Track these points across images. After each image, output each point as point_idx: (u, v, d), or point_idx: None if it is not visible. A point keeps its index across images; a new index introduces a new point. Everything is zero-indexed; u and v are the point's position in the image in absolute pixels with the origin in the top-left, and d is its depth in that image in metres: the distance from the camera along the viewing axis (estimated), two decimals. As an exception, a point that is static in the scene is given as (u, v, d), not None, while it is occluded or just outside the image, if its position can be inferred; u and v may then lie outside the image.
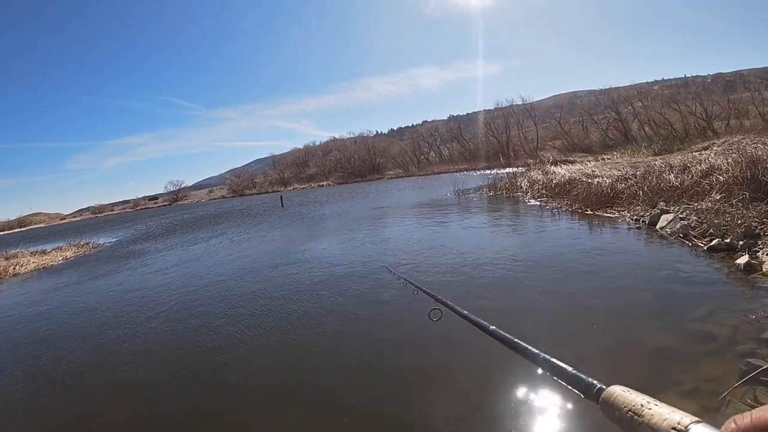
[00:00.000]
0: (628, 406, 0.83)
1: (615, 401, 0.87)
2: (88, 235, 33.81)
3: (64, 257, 22.91)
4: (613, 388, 0.91)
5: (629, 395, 0.85)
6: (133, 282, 12.72)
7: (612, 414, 0.87)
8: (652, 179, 13.64)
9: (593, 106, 74.75)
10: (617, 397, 0.87)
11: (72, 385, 6.01)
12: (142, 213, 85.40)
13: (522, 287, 7.47)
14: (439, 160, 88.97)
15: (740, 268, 6.87)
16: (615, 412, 0.86)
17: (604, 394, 0.92)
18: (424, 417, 4.22)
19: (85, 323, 9.06)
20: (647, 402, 0.80)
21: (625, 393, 0.87)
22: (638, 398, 0.83)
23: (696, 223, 9.37)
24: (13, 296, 14.01)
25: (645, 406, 0.80)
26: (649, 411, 0.78)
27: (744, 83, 61.74)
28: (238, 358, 6.12)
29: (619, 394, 0.88)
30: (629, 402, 0.83)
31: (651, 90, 68.99)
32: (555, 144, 70.46)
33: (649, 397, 0.82)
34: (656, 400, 0.80)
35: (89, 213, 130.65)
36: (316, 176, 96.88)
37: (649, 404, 0.79)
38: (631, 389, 0.87)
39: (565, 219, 13.59)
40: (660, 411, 0.76)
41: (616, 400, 0.87)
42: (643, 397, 0.83)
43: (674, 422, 0.71)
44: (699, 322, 5.20)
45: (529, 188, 21.83)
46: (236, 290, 9.89)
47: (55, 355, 7.32)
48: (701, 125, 54.24)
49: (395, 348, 5.90)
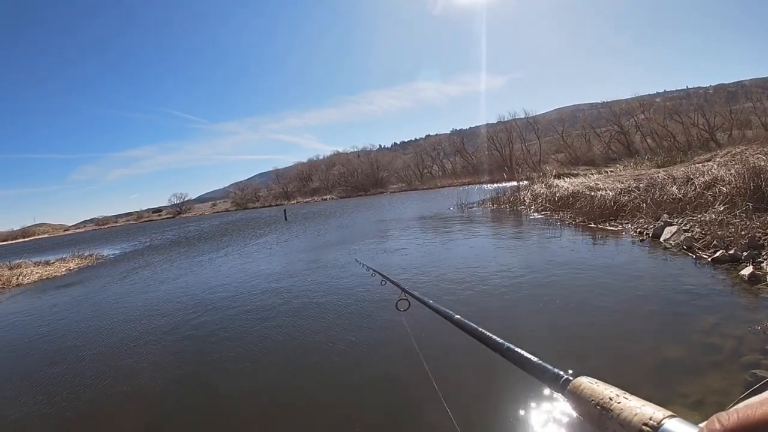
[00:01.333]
0: (596, 399, 0.77)
1: (582, 393, 0.81)
2: (92, 247, 33.81)
3: (67, 268, 22.97)
4: (580, 380, 0.85)
5: (597, 387, 0.80)
6: (135, 294, 12.72)
7: (579, 407, 0.82)
8: (656, 191, 13.63)
9: (596, 118, 74.79)
10: (584, 389, 0.81)
11: (76, 394, 5.99)
12: (146, 225, 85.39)
13: (525, 300, 7.45)
14: (442, 174, 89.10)
15: (744, 279, 6.86)
16: (582, 405, 0.80)
17: (570, 386, 0.86)
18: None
19: (87, 334, 9.05)
20: (616, 395, 0.74)
21: (593, 385, 0.81)
22: (607, 390, 0.77)
23: (699, 235, 9.35)
24: (16, 306, 14.00)
25: (614, 399, 0.74)
26: (618, 405, 0.72)
27: (746, 94, 61.92)
28: (233, 354, 6.11)
29: (586, 385, 0.82)
30: (597, 394, 0.78)
31: (653, 102, 69.10)
32: (558, 157, 70.47)
33: (619, 389, 0.76)
34: (626, 393, 0.74)
35: (93, 224, 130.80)
36: (319, 190, 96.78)
37: (618, 397, 0.74)
38: (600, 381, 0.82)
39: (568, 232, 13.57)
40: (630, 405, 0.70)
41: (583, 392, 0.81)
42: (613, 389, 0.77)
43: (646, 417, 0.65)
44: (704, 334, 5.18)
45: (532, 202, 21.82)
46: (238, 300, 9.88)
47: (58, 365, 7.31)
48: (704, 136, 54.25)
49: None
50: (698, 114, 57.74)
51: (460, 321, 1.46)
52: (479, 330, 1.31)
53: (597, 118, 74.35)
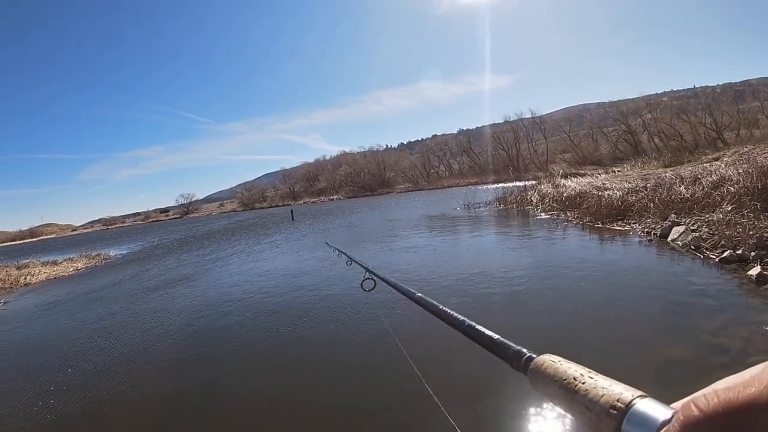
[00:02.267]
0: (559, 379, 0.71)
1: (545, 372, 0.76)
2: (99, 247, 34.03)
3: (75, 268, 23.14)
4: (542, 358, 0.80)
5: (561, 366, 0.74)
6: (143, 294, 12.78)
7: (542, 387, 0.76)
8: (663, 191, 13.58)
9: (602, 118, 74.61)
10: (547, 367, 0.76)
11: (81, 393, 6.04)
12: (154, 225, 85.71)
13: (532, 300, 7.45)
14: (449, 174, 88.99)
15: (752, 279, 6.84)
16: (545, 385, 0.75)
17: (532, 365, 0.80)
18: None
19: (94, 334, 9.10)
20: (581, 374, 0.69)
21: (557, 363, 0.75)
22: (571, 369, 0.71)
23: (707, 235, 9.32)
24: (24, 306, 14.09)
25: (579, 378, 0.68)
26: (582, 385, 0.66)
27: (753, 93, 61.64)
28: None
29: (549, 364, 0.76)
30: (561, 373, 0.72)
31: (660, 101, 68.82)
32: (565, 157, 70.38)
33: (586, 368, 0.71)
34: (594, 372, 0.69)
35: (100, 225, 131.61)
36: (326, 190, 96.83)
37: (583, 377, 0.68)
38: (565, 359, 0.76)
39: (575, 232, 13.55)
40: (597, 384, 0.65)
41: (546, 371, 0.75)
42: (579, 368, 0.71)
43: (614, 398, 0.60)
44: (711, 335, 5.17)
45: (539, 202, 21.79)
46: (243, 300, 9.91)
47: (64, 364, 7.37)
48: (711, 136, 54.10)
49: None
50: (705, 113, 57.61)
51: (421, 299, 1.43)
52: (440, 308, 1.26)
53: (604, 118, 74.17)
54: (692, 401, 0.48)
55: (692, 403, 0.47)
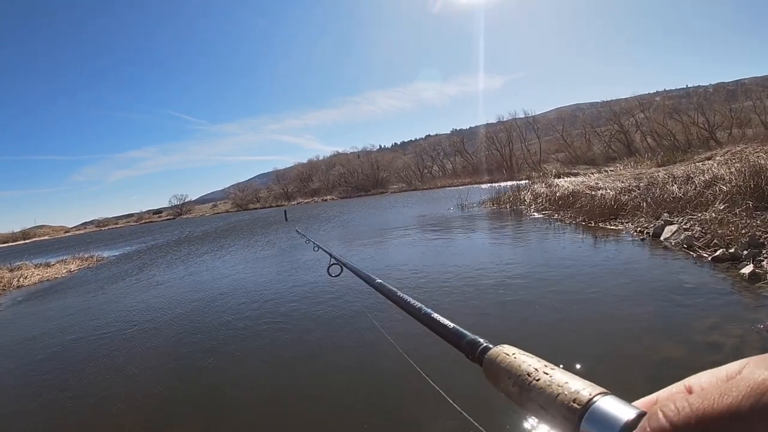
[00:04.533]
0: (513, 374, 0.66)
1: (499, 366, 0.70)
2: (92, 249, 33.78)
3: (68, 270, 22.95)
4: (496, 350, 0.74)
5: (515, 359, 0.68)
6: (135, 295, 12.70)
7: (496, 382, 0.70)
8: (656, 190, 13.64)
9: (595, 118, 74.79)
10: (501, 360, 0.71)
11: (76, 394, 5.99)
12: (147, 227, 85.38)
13: (525, 299, 7.43)
14: (443, 174, 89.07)
15: (745, 277, 6.86)
16: (499, 379, 0.69)
17: (486, 356, 0.75)
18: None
19: (87, 335, 9.02)
20: (536, 369, 0.64)
21: (511, 356, 0.70)
22: (526, 363, 0.66)
23: (700, 234, 9.35)
24: (17, 308, 13.98)
25: (533, 374, 0.63)
26: (537, 382, 0.61)
27: (745, 92, 61.91)
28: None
29: (503, 357, 0.71)
30: (515, 368, 0.67)
31: (653, 101, 69.07)
32: (558, 157, 70.62)
33: (543, 361, 0.66)
34: (550, 366, 0.64)
35: (93, 226, 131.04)
36: (319, 191, 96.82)
37: (537, 372, 0.63)
38: (522, 351, 0.70)
39: (568, 232, 13.56)
40: (553, 380, 0.60)
41: (500, 364, 0.70)
42: (535, 361, 0.66)
43: (570, 397, 0.55)
44: (704, 333, 5.17)
45: (532, 201, 21.83)
46: (235, 297, 9.88)
47: (59, 365, 7.30)
48: (704, 135, 54.35)
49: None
50: (698, 113, 57.85)
51: (380, 285, 1.41)
52: (397, 294, 1.22)
53: (597, 118, 74.37)
54: (660, 408, 0.43)
55: (660, 411, 0.42)
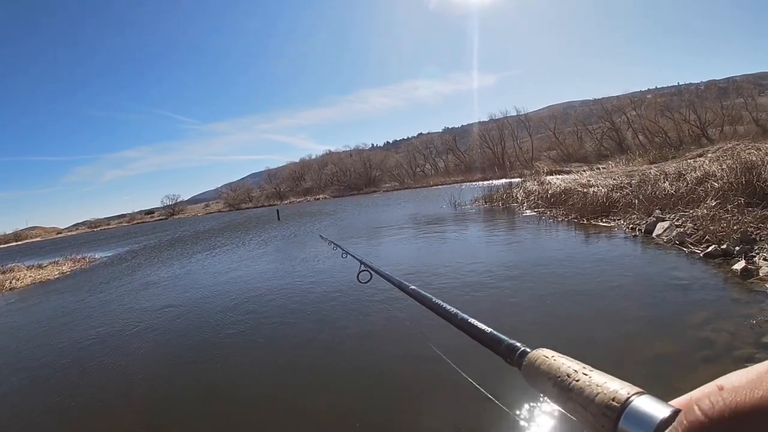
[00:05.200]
0: (553, 375, 0.70)
1: (539, 368, 0.74)
2: (85, 250, 33.60)
3: (60, 271, 22.80)
4: (536, 353, 0.79)
5: (555, 362, 0.72)
6: (128, 296, 12.62)
7: (536, 383, 0.75)
8: (648, 187, 13.68)
9: (587, 116, 74.95)
10: (541, 363, 0.75)
11: (71, 394, 5.95)
12: (139, 227, 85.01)
13: (520, 297, 7.45)
14: (435, 173, 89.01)
15: (737, 273, 6.89)
16: (539, 381, 0.73)
17: (526, 360, 0.79)
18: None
19: (81, 336, 8.96)
20: (575, 370, 0.67)
21: (551, 359, 0.74)
22: (566, 365, 0.70)
23: (692, 230, 9.39)
24: (10, 310, 13.90)
25: (573, 375, 0.66)
26: (577, 382, 0.64)
27: (737, 89, 62.16)
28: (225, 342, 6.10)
29: (543, 360, 0.75)
30: (555, 369, 0.70)
31: (644, 99, 69.26)
32: (550, 154, 70.67)
33: (581, 363, 0.69)
34: (589, 368, 0.67)
35: (85, 227, 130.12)
36: (312, 190, 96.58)
37: (577, 373, 0.66)
38: (561, 354, 0.75)
39: (561, 229, 13.60)
40: (592, 381, 0.63)
41: (540, 366, 0.74)
42: (573, 363, 0.70)
43: (609, 396, 0.58)
44: (697, 329, 5.20)
45: (524, 199, 21.88)
46: (232, 303, 9.84)
47: (55, 368, 7.25)
48: (695, 132, 54.63)
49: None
50: (689, 110, 58.08)
51: (414, 291, 1.43)
52: (432, 300, 1.26)
53: (588, 115, 74.51)
54: (696, 403, 0.44)
55: (696, 406, 0.44)
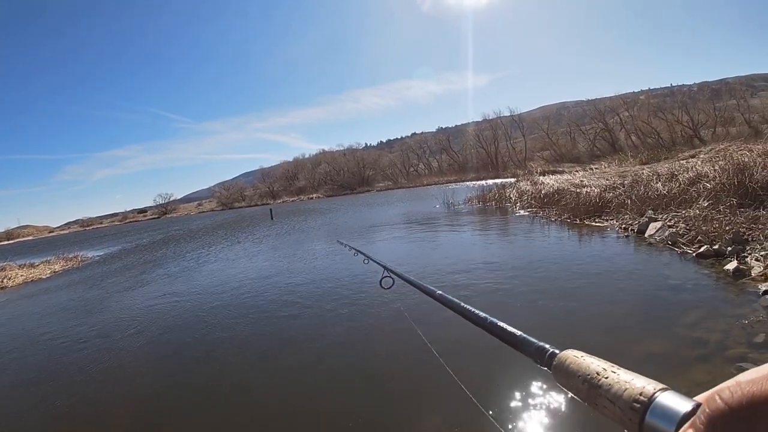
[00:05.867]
0: (582, 374, 0.74)
1: (569, 368, 0.79)
2: (77, 249, 33.41)
3: (52, 270, 22.67)
4: (566, 353, 0.83)
5: (584, 361, 0.77)
6: (121, 295, 12.56)
7: (566, 382, 0.79)
8: (640, 188, 13.74)
9: (580, 116, 75.23)
10: (571, 363, 0.79)
11: (66, 394, 5.93)
12: (131, 226, 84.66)
13: (512, 296, 7.45)
14: (429, 172, 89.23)
15: (729, 273, 6.92)
16: (569, 380, 0.77)
17: (556, 360, 0.83)
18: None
19: (75, 335, 8.88)
20: (604, 369, 0.71)
21: (580, 359, 0.78)
22: (594, 364, 0.74)
23: (684, 231, 9.42)
24: (3, 311, 13.81)
25: (601, 373, 0.71)
26: (606, 380, 0.69)
27: (729, 91, 62.55)
28: (228, 360, 6.09)
29: (572, 359, 0.79)
30: (584, 368, 0.75)
31: (637, 100, 69.68)
32: (543, 154, 70.88)
33: (609, 362, 0.73)
34: (616, 366, 0.71)
35: (78, 226, 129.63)
36: (305, 189, 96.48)
37: (606, 371, 0.71)
38: (588, 354, 0.79)
39: (554, 229, 13.64)
40: (620, 378, 0.67)
41: (570, 366, 0.78)
42: (601, 362, 0.74)
43: (636, 391, 0.63)
44: (689, 328, 5.22)
45: (518, 199, 21.93)
46: (227, 301, 9.81)
47: (50, 368, 7.22)
48: (688, 134, 54.95)
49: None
50: (682, 111, 58.45)
51: (441, 297, 1.45)
52: (461, 305, 1.29)
53: (582, 116, 74.81)
54: (717, 393, 0.48)
55: (717, 395, 0.48)
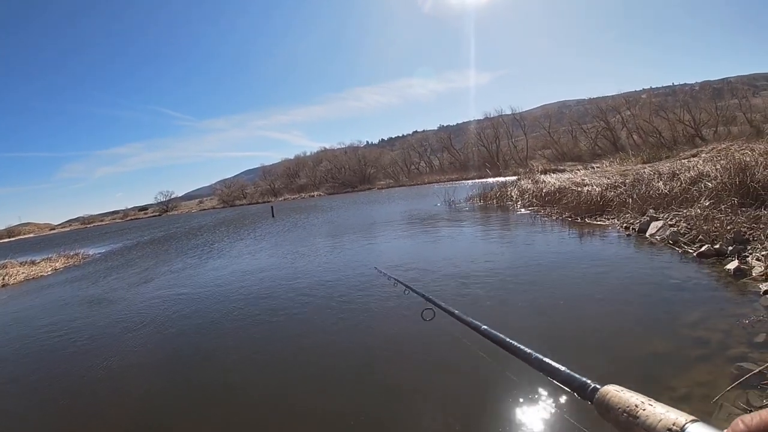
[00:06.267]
0: (622, 407, 0.83)
1: (610, 401, 0.87)
2: (78, 246, 33.44)
3: (53, 268, 22.68)
4: (607, 388, 0.91)
5: (624, 395, 0.86)
6: (123, 292, 12.57)
7: (607, 414, 0.88)
8: (642, 187, 13.72)
9: (582, 115, 75.24)
10: (611, 397, 0.88)
11: (66, 392, 5.94)
12: (133, 224, 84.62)
13: (514, 295, 7.45)
14: (430, 170, 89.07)
15: (730, 273, 6.91)
16: (610, 412, 0.86)
17: (598, 394, 0.92)
18: (417, 421, 4.21)
19: (76, 333, 8.90)
20: (642, 402, 0.81)
21: (620, 393, 0.87)
22: (633, 398, 0.83)
23: (685, 230, 9.42)
24: (5, 307, 13.84)
25: (639, 406, 0.80)
26: (643, 411, 0.78)
27: (731, 90, 62.44)
28: (236, 367, 6.09)
29: (613, 394, 0.88)
30: (624, 402, 0.84)
31: (639, 99, 69.55)
32: (544, 153, 70.83)
33: (645, 396, 0.82)
34: (652, 400, 0.80)
35: (79, 223, 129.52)
36: (306, 187, 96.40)
37: (643, 404, 0.80)
38: (626, 389, 0.88)
39: (555, 227, 13.62)
40: (655, 411, 0.77)
41: (611, 400, 0.87)
42: (639, 396, 0.83)
43: (670, 422, 0.72)
44: (690, 328, 5.21)
45: (519, 197, 21.91)
46: (231, 300, 9.82)
47: (49, 364, 7.23)
48: (689, 133, 54.85)
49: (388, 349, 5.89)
50: (684, 110, 58.36)
51: (486, 332, 1.51)
52: (507, 341, 1.37)
53: (583, 115, 74.83)
54: (739, 419, 0.56)
55: (739, 420, 0.56)
